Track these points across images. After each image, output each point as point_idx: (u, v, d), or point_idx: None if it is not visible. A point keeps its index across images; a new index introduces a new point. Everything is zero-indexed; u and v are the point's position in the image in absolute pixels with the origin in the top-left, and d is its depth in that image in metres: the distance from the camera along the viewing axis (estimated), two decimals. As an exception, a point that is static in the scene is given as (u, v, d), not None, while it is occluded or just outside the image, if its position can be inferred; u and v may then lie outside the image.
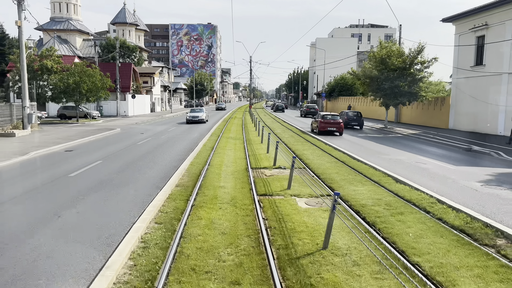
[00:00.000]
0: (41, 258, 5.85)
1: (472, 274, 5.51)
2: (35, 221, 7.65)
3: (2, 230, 7.10)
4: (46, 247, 6.30)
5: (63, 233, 6.98)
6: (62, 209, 8.41)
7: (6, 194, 9.73)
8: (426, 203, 8.88)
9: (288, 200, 9.14)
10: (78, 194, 9.70)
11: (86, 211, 8.37)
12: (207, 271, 5.46)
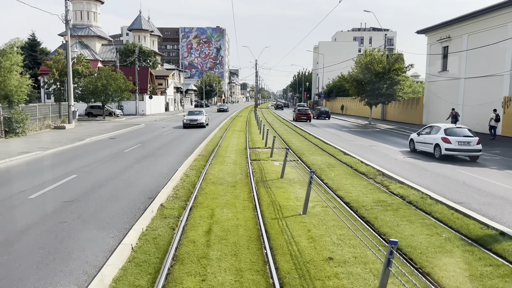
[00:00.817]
0: (133, 182, 11.61)
1: (359, 189, 11.09)
2: (119, 170, 13.44)
3: (104, 174, 12.88)
4: (132, 178, 12.06)
5: (138, 173, 12.74)
6: (132, 165, 14.21)
7: (91, 160, 15.55)
8: (353, 163, 14.50)
9: (268, 162, 14.87)
10: (136, 159, 15.49)
11: (146, 165, 14.14)
12: (220, 183, 11.18)
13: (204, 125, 31.08)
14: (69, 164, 14.55)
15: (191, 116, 31.58)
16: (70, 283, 5.22)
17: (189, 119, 30.72)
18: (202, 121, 30.95)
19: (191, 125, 30.46)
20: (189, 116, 31.45)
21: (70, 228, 7.41)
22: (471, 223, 7.76)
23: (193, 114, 32.07)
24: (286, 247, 6.53)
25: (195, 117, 31.19)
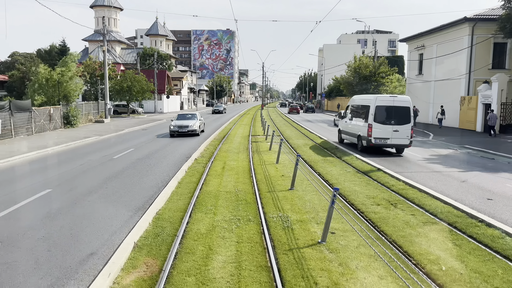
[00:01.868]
0: (174, 151, 18.15)
1: (314, 152, 17.46)
2: (161, 146, 20.01)
3: (152, 148, 19.43)
4: (173, 150, 18.60)
5: (176, 147, 19.25)
6: (168, 143, 20.80)
7: (138, 141, 22.13)
8: (328, 146, 20.84)
9: (263, 142, 21.34)
10: (170, 141, 22.07)
11: (179, 143, 20.65)
12: (229, 151, 17.67)
13: (197, 132, 24.56)
14: (124, 144, 21.16)
15: (180, 121, 24.87)
16: (163, 180, 11.71)
17: (178, 125, 24.18)
18: (195, 127, 24.30)
19: (181, 133, 24.02)
20: (178, 121, 24.78)
21: (149, 168, 13.98)
22: (365, 166, 14.09)
23: (184, 119, 25.52)
24: (262, 173, 12.95)
25: (186, 122, 24.54)
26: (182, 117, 26.06)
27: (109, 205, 9.18)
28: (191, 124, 24.32)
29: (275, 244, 6.81)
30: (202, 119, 27.34)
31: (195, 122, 24.83)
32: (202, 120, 27.45)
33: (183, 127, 24.13)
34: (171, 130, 24.19)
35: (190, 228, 7.56)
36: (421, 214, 8.64)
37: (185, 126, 24.15)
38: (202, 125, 27.01)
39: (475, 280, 5.59)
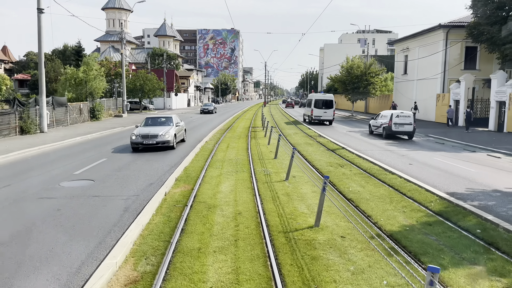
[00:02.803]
0: (189, 137, 22.97)
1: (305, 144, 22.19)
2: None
3: (170, 134, 24.28)
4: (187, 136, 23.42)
5: (190, 134, 24.06)
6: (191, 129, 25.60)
7: (157, 130, 26.96)
8: (313, 135, 25.56)
9: (260, 131, 26.09)
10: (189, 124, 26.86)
11: (192, 132, 25.45)
12: (231, 137, 22.44)
13: (171, 144, 17.41)
14: (146, 132, 25.94)
15: (147, 128, 17.94)
16: (184, 152, 16.49)
17: (143, 134, 17.13)
18: (167, 137, 17.20)
19: (147, 145, 17.00)
20: (144, 129, 17.79)
21: (171, 146, 18.79)
22: (312, 133, 18.78)
23: (154, 124, 18.71)
24: (256, 151, 17.71)
25: (155, 129, 17.59)
26: (151, 122, 18.75)
27: (154, 163, 14.02)
28: (161, 133, 16.89)
29: (258, 181, 11.58)
30: (181, 123, 20.18)
31: (169, 129, 17.49)
32: (182, 126, 20.06)
33: (150, 137, 16.67)
34: (133, 141, 16.65)
35: (206, 173, 12.35)
36: (355, 170, 13.38)
37: (153, 135, 16.71)
38: (182, 133, 19.90)
39: (366, 194, 10.30)
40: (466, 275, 5.74)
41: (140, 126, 18.52)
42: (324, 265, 6.01)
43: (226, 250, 6.48)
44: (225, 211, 8.57)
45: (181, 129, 20.05)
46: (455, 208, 8.94)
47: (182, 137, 20.23)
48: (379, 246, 6.19)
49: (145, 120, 19.21)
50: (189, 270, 5.75)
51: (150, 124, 18.60)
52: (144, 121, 19.13)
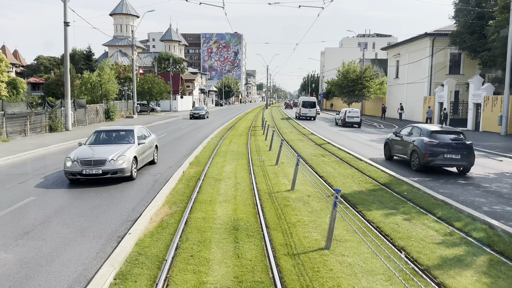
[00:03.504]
0: (196, 135, 26.30)
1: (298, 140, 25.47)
2: (186, 132, 28.16)
3: (179, 134, 27.61)
4: (194, 134, 26.74)
5: (197, 133, 27.41)
6: (190, 131, 28.93)
7: (168, 130, 30.31)
8: (304, 132, 28.84)
9: (259, 130, 29.42)
10: (191, 129, 30.20)
11: (198, 131, 28.78)
12: (234, 135, 25.76)
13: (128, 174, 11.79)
14: (158, 131, 29.24)
15: (92, 148, 12.28)
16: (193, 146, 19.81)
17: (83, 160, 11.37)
18: (121, 163, 11.53)
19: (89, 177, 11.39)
20: (85, 150, 12.11)
21: (183, 142, 22.13)
22: (301, 128, 22.04)
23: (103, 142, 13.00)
24: (255, 147, 21.00)
25: (104, 151, 11.97)
26: (101, 138, 13.13)
27: (169, 153, 17.32)
28: (112, 157, 11.39)
29: (253, 165, 14.87)
30: (150, 138, 14.66)
31: (126, 150, 12.02)
32: (150, 141, 14.48)
33: (93, 163, 11.21)
34: (67, 170, 11.28)
35: (213, 161, 15.66)
36: (334, 158, 16.65)
37: (98, 161, 11.25)
38: (151, 153, 14.37)
39: (335, 173, 13.54)
40: (382, 214, 8.98)
41: (84, 144, 12.55)
42: (292, 209, 9.27)
43: (228, 201, 9.76)
44: (228, 182, 11.87)
45: (149, 147, 13.89)
46: (397, 181, 12.18)
47: (151, 158, 14.21)
48: (331, 200, 9.44)
49: (93, 135, 12.93)
50: (204, 209, 9.05)
51: (100, 142, 12.63)
52: (92, 136, 12.88)
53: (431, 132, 13.81)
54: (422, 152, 13.53)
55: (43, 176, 12.65)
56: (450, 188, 11.66)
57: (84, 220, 8.31)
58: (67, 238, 7.29)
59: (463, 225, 8.21)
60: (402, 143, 15.39)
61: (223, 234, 7.51)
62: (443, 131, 14.02)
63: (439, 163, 13.45)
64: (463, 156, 13.23)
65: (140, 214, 8.62)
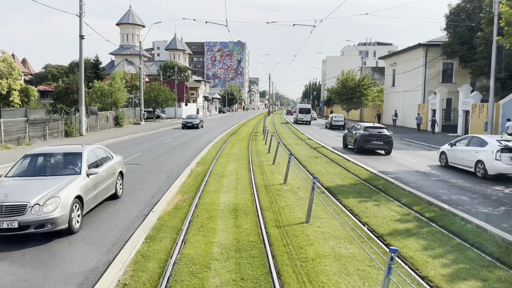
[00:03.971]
0: (201, 139, 28.37)
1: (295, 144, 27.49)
2: (193, 136, 30.25)
3: (186, 138, 29.69)
4: (200, 139, 28.80)
5: (202, 137, 29.48)
6: (195, 136, 31.01)
7: (175, 135, 32.42)
8: (301, 137, 30.85)
9: (260, 135, 31.47)
10: (196, 135, 32.29)
11: (202, 136, 30.86)
12: (237, 140, 27.80)
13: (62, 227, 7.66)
14: (165, 136, 31.41)
15: (13, 184, 8.35)
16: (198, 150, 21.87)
17: None
18: (51, 211, 7.43)
19: None
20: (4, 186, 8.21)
21: (188, 146, 24.18)
22: (296, 131, 24.01)
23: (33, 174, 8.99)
24: (255, 150, 23.01)
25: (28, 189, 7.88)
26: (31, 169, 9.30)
27: (178, 155, 19.35)
28: (34, 201, 7.48)
29: (253, 164, 16.87)
30: (111, 162, 10.81)
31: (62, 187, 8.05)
32: (110, 168, 10.52)
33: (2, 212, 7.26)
34: None
35: (217, 161, 17.68)
36: (325, 159, 18.63)
37: (14, 209, 7.30)
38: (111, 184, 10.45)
39: (324, 171, 15.51)
40: (356, 201, 10.94)
41: (4, 176, 8.97)
42: (282, 197, 11.26)
43: (230, 191, 11.76)
44: (230, 178, 13.88)
45: (108, 177, 10.16)
46: (376, 177, 14.15)
47: (112, 191, 10.48)
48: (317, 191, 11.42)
49: (21, 162, 9.36)
50: (211, 197, 11.06)
51: (30, 172, 9.11)
52: (19, 163, 9.32)
53: (365, 127, 21.06)
54: (359, 139, 20.87)
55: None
56: (420, 182, 13.61)
57: (118, 204, 10.41)
58: (109, 215, 9.35)
59: (420, 209, 10.16)
60: (351, 135, 22.58)
61: (226, 213, 9.51)
62: (373, 127, 21.17)
63: (369, 147, 20.63)
64: (385, 143, 20.41)
65: (158, 200, 10.65)
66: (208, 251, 7.12)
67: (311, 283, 5.98)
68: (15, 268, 6.46)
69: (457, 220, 9.13)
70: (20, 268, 6.46)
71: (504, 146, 13.82)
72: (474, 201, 11.14)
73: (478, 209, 10.25)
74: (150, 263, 6.60)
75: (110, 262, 6.63)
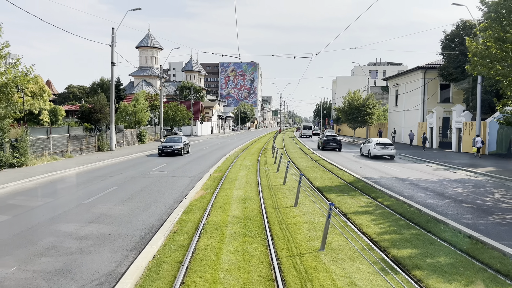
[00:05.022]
0: (218, 151, 32.19)
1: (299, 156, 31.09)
2: (208, 152, 34.10)
3: (204, 152, 33.57)
4: (216, 152, 32.63)
5: (219, 150, 33.30)
6: (213, 150, 34.87)
7: (192, 150, 36.37)
8: (306, 151, 34.44)
9: (269, 150, 35.15)
10: (214, 149, 36.14)
11: (218, 151, 34.67)
12: (247, 151, 31.53)
13: None
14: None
15: None
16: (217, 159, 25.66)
17: None
18: None
19: None
20: None
21: (208, 157, 28.00)
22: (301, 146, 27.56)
23: None
24: (264, 162, 26.66)
25: None
26: None
27: (197, 166, 23.14)
28: None
29: (260, 172, 20.53)
30: None
31: None
32: None
33: None
34: None
35: (231, 169, 21.42)
36: (322, 169, 22.20)
37: None
38: None
39: (318, 177, 19.09)
40: (336, 195, 14.50)
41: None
42: (281, 192, 14.90)
43: (241, 189, 15.45)
44: (241, 180, 17.57)
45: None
46: (359, 181, 17.67)
47: None
48: (308, 189, 15.02)
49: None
50: (226, 192, 14.78)
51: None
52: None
53: (326, 135, 38.09)
54: (322, 142, 37.14)
55: (112, 176, 18.61)
56: (393, 184, 17.07)
57: (159, 194, 14.22)
58: (154, 199, 13.12)
59: (382, 200, 13.67)
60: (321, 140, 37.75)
61: (237, 201, 13.20)
62: (330, 135, 38.13)
63: (327, 147, 36.33)
64: (336, 144, 36.43)
65: (187, 193, 14.47)
66: (225, 219, 10.80)
67: (290, 233, 9.59)
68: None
69: (405, 206, 12.64)
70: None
71: None
72: (427, 196, 14.60)
73: (426, 201, 13.73)
74: (188, 223, 10.33)
75: (163, 221, 10.42)
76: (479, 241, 8.95)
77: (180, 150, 29.92)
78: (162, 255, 7.95)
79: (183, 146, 30.56)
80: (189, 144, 33.97)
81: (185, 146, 31.52)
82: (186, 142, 32.10)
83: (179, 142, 30.70)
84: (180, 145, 30.11)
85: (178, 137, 32.35)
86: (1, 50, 22.44)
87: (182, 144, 30.48)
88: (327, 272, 7.17)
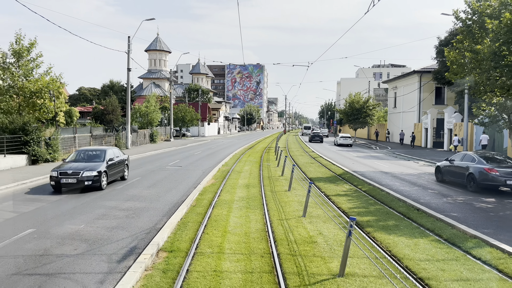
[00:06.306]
0: (224, 150, 35.27)
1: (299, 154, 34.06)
2: (215, 151, 37.23)
3: (212, 150, 36.69)
4: (223, 150, 35.72)
5: (225, 150, 36.40)
6: (219, 149, 37.96)
7: (203, 148, 39.50)
8: (306, 150, 37.40)
9: (273, 149, 38.17)
10: (220, 148, 39.24)
11: (224, 150, 37.76)
12: (252, 150, 34.58)
13: None
14: (194, 150, 38.46)
15: None
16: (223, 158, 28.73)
17: None
18: None
19: None
20: None
21: (215, 156, 31.10)
22: (307, 149, 30.51)
23: None
24: (266, 158, 29.68)
25: None
26: None
27: (207, 161, 26.22)
28: None
29: (263, 166, 23.57)
30: None
31: None
32: None
33: None
34: None
35: (236, 165, 24.47)
36: (318, 164, 25.18)
37: None
38: None
39: (313, 170, 22.07)
40: (324, 183, 17.50)
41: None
42: (279, 181, 17.93)
43: (245, 179, 18.50)
44: (245, 173, 20.62)
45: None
46: (347, 173, 20.63)
47: None
48: (303, 180, 18.01)
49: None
50: (233, 181, 17.88)
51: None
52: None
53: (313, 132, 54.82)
54: (310, 137, 51.67)
55: (134, 169, 21.77)
56: (376, 176, 20.00)
57: (177, 182, 17.31)
58: (174, 185, 16.22)
59: (362, 187, 16.64)
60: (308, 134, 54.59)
61: (242, 187, 16.26)
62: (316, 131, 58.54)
63: (314, 140, 51.20)
64: (319, 139, 52.34)
65: (201, 181, 17.65)
66: (232, 198, 13.86)
67: (282, 207, 12.61)
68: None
69: (378, 190, 15.62)
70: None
71: None
72: (401, 185, 17.55)
73: (398, 188, 16.69)
74: (204, 201, 13.41)
75: (184, 200, 13.54)
76: (424, 212, 11.91)
77: (98, 179, 15.31)
78: (187, 218, 11.03)
79: (106, 169, 15.88)
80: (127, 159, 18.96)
81: (113, 168, 16.81)
82: (121, 159, 17.96)
83: (98, 161, 16.15)
84: (97, 169, 15.41)
85: (99, 150, 17.19)
86: (35, 59, 25.87)
87: (103, 166, 15.80)
88: (304, 228, 10.19)
